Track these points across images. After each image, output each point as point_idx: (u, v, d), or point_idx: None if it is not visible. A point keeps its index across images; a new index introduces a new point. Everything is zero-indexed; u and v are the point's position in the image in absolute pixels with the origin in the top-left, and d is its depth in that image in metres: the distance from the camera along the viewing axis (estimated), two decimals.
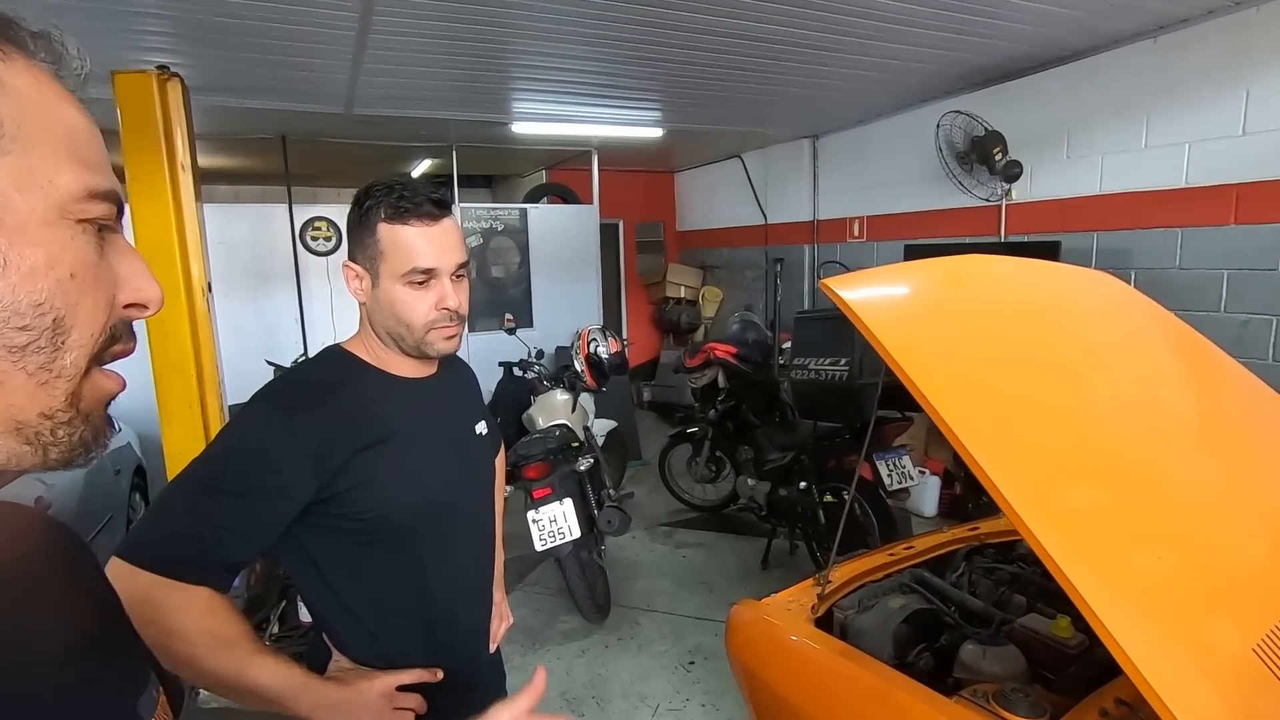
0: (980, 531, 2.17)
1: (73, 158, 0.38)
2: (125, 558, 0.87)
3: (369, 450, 1.00)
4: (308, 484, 0.95)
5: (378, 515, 1.01)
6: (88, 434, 0.41)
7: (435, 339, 1.05)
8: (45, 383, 0.38)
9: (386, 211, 1.01)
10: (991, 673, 1.43)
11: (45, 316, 0.37)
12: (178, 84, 2.98)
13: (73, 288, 0.38)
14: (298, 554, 1.04)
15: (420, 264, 1.01)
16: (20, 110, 0.36)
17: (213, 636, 0.90)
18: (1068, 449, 1.33)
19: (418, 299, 1.02)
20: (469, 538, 1.18)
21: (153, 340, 2.95)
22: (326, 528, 1.00)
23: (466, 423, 1.22)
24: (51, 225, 0.37)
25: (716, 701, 2.67)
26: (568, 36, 3.24)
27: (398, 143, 5.78)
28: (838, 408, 3.20)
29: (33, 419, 0.38)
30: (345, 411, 1.00)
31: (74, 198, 0.38)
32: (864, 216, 5.37)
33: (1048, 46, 3.55)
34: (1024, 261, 1.93)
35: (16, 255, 0.36)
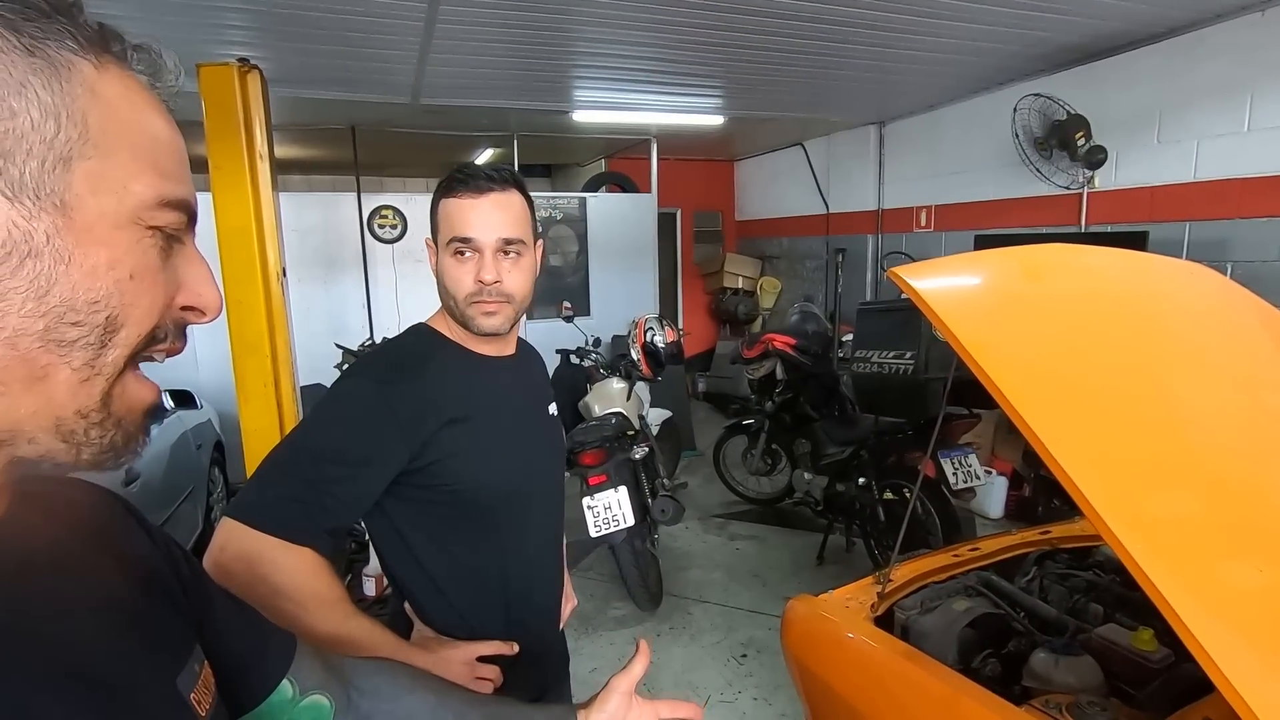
0: (1052, 535, 2.07)
1: (151, 166, 0.40)
2: (236, 517, 0.92)
3: (455, 424, 1.02)
4: (401, 453, 0.99)
5: (462, 489, 1.04)
6: (119, 438, 0.41)
7: (475, 313, 1.06)
8: (86, 379, 0.38)
9: (443, 187, 1.06)
10: (1065, 684, 1.37)
11: (99, 314, 0.38)
12: (257, 76, 3.10)
13: (130, 288, 0.39)
14: (385, 525, 1.07)
15: (460, 233, 1.03)
16: (106, 118, 0.38)
17: (316, 596, 0.94)
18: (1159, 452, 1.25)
19: (461, 270, 1.04)
20: (544, 516, 1.21)
21: (231, 322, 3.09)
22: (412, 499, 1.04)
23: (541, 404, 1.25)
24: (121, 229, 0.38)
25: (769, 696, 2.65)
26: (628, 22, 3.22)
27: (461, 132, 5.89)
28: (901, 402, 3.10)
29: (69, 416, 0.38)
30: (434, 384, 1.03)
31: (146, 205, 0.39)
32: (932, 205, 5.18)
33: (1141, 23, 3.32)
34: (1110, 251, 1.82)
35: (81, 253, 0.37)
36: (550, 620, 1.27)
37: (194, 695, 0.50)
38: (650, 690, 2.71)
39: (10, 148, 0.35)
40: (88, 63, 0.37)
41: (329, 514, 0.96)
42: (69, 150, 0.36)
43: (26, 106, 0.35)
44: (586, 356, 4.08)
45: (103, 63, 0.38)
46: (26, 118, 0.35)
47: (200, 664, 0.52)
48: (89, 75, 0.37)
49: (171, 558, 0.57)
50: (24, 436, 0.38)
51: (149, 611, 0.51)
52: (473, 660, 1.04)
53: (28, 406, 0.37)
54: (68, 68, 0.37)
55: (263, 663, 0.62)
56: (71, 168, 0.36)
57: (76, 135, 0.36)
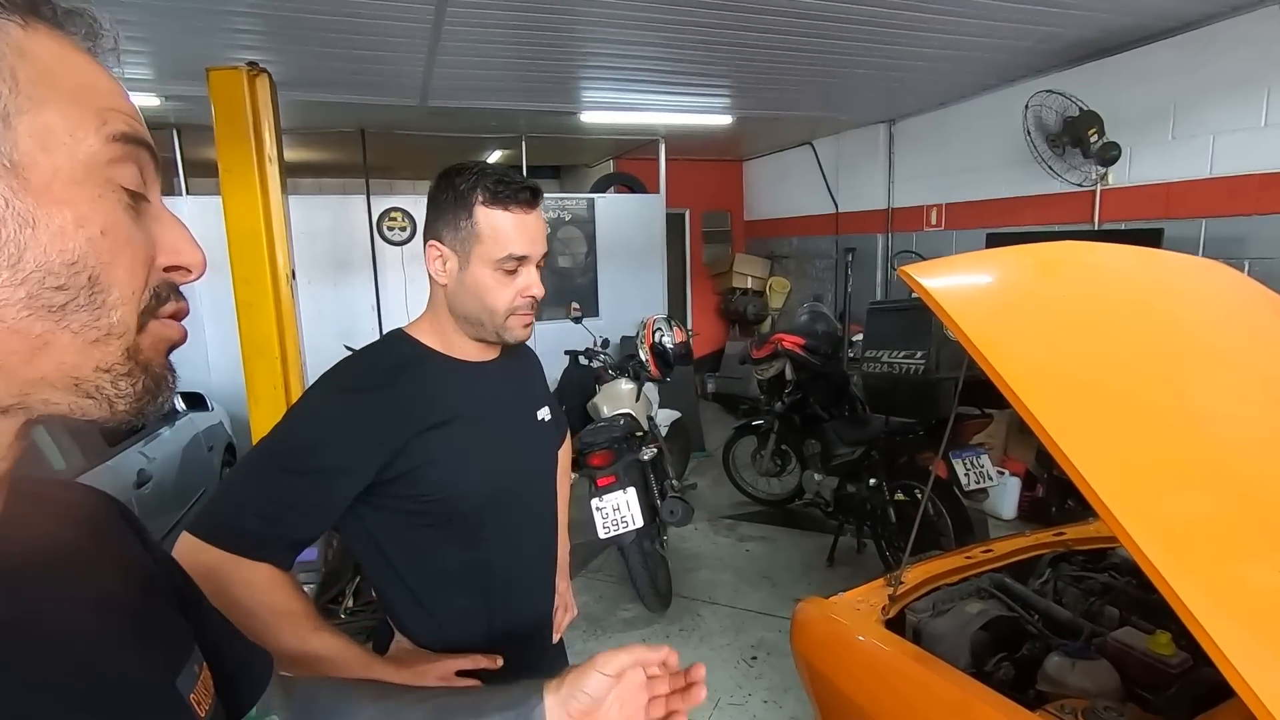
0: (1066, 537, 2.04)
1: (92, 112, 0.39)
2: (194, 533, 0.91)
3: (431, 432, 1.00)
4: (370, 464, 0.96)
5: (439, 498, 1.02)
6: (150, 382, 0.41)
7: (515, 325, 1.06)
8: (95, 340, 0.38)
9: (485, 194, 1.01)
10: (1080, 688, 1.34)
11: (80, 274, 0.37)
12: (266, 79, 3.12)
13: (105, 246, 0.38)
14: (362, 534, 1.05)
15: (516, 251, 1.02)
16: (37, 71, 0.37)
17: (274, 611, 0.92)
18: (1175, 451, 1.22)
19: (506, 285, 1.03)
20: (532, 524, 1.17)
21: (241, 324, 3.11)
22: (389, 509, 1.01)
23: (528, 408, 1.21)
24: (79, 183, 0.37)
25: (779, 699, 2.63)
26: (636, 22, 3.21)
27: (469, 134, 5.90)
28: (912, 402, 3.08)
29: (89, 374, 0.38)
30: (407, 393, 1.01)
31: (97, 150, 0.38)
32: (942, 204, 5.14)
33: (1155, 17, 3.27)
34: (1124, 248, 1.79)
35: (45, 214, 0.36)
36: (543, 631, 1.23)
37: (193, 696, 0.50)
38: None
39: None
40: (13, 24, 0.37)
41: (290, 527, 0.94)
42: (4, 107, 0.35)
43: None
44: (595, 357, 4.08)
45: (30, 23, 0.38)
46: None
47: (199, 665, 0.52)
48: (14, 35, 0.37)
49: (168, 564, 0.57)
50: (37, 399, 0.38)
51: (148, 612, 0.50)
52: (450, 675, 1.01)
53: (32, 374, 0.37)
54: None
55: (249, 676, 0.61)
56: (11, 124, 0.35)
57: (8, 91, 0.36)
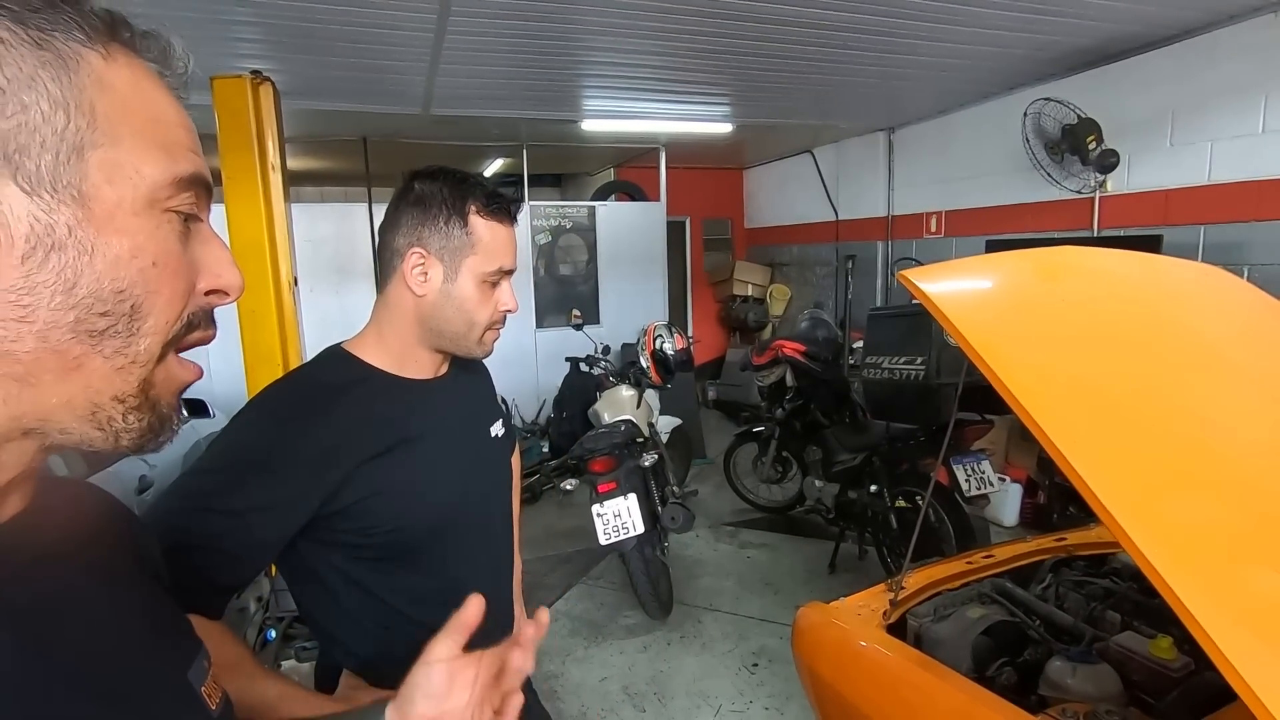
0: (1068, 543, 2.04)
1: (159, 147, 0.40)
2: None
3: (377, 460, 0.92)
4: (308, 499, 0.88)
5: (388, 529, 0.94)
6: (155, 421, 0.41)
7: (490, 340, 1.04)
8: (121, 367, 0.39)
9: (479, 205, 0.97)
10: (1082, 692, 1.34)
11: (125, 303, 0.38)
12: (269, 88, 3.14)
13: (154, 276, 0.39)
14: (300, 569, 0.97)
15: (506, 264, 1.01)
16: (113, 106, 0.38)
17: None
18: (1177, 456, 1.22)
19: (489, 298, 1.01)
20: (485, 548, 1.11)
21: (244, 332, 3.12)
22: (332, 543, 0.93)
23: (480, 424, 1.15)
24: (139, 215, 0.39)
25: (781, 706, 2.62)
26: (636, 32, 3.23)
27: (471, 143, 5.93)
28: (912, 408, 3.08)
29: (106, 402, 0.39)
30: (350, 418, 0.92)
31: (160, 186, 0.39)
32: (942, 211, 5.15)
33: (1153, 25, 3.30)
34: (1123, 253, 1.80)
35: (104, 244, 0.37)
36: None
37: (205, 689, 0.51)
38: (662, 701, 2.69)
39: (25, 142, 0.35)
40: (95, 53, 0.38)
41: (217, 572, 0.84)
42: (80, 140, 0.36)
43: (37, 100, 0.35)
44: (596, 364, 4.08)
45: (110, 52, 0.39)
46: (38, 111, 0.35)
47: (208, 660, 0.53)
48: (96, 66, 0.38)
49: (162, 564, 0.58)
50: (55, 426, 0.38)
51: (161, 606, 0.52)
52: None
53: (60, 396, 0.37)
54: (75, 59, 0.37)
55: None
56: (85, 157, 0.37)
57: (86, 124, 0.37)
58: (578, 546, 4.03)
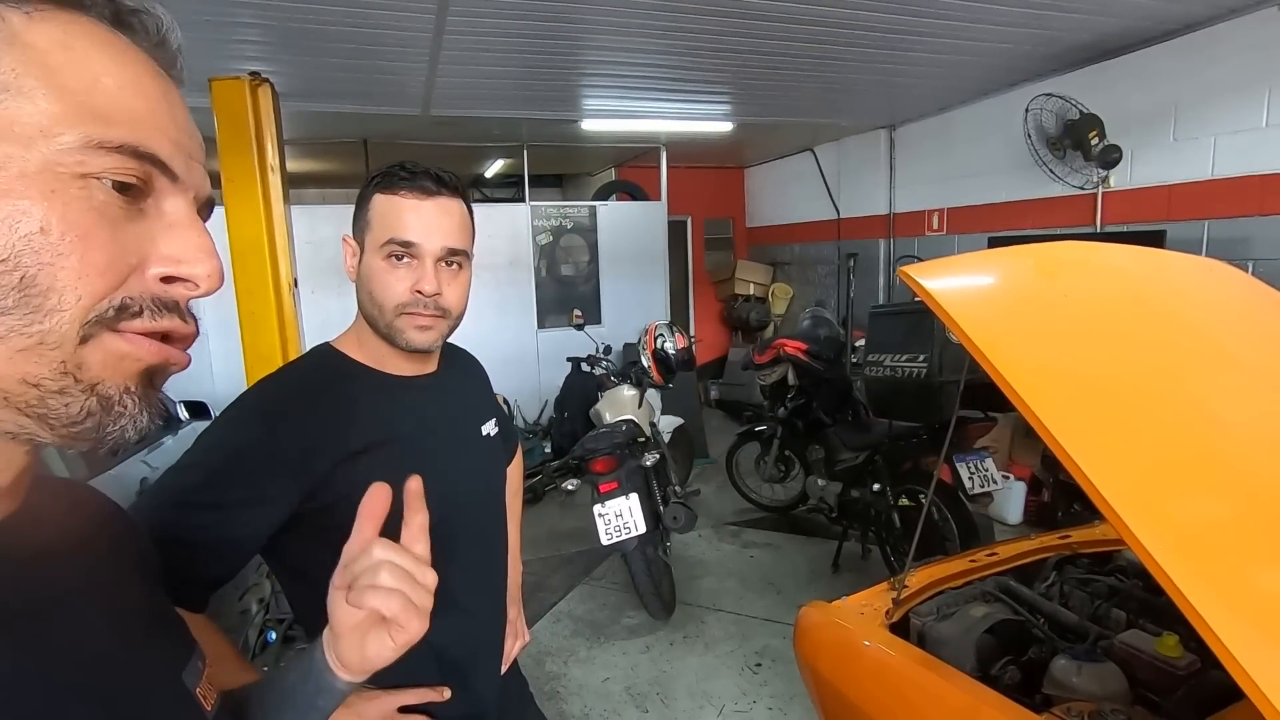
0: (1072, 540, 2.02)
1: (87, 110, 0.36)
2: None
3: (356, 458, 0.92)
4: (289, 495, 0.88)
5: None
6: (95, 405, 0.37)
7: (405, 325, 0.95)
8: (25, 349, 0.35)
9: (381, 181, 0.96)
10: (1087, 691, 1.33)
11: (11, 274, 0.34)
12: (268, 89, 3.14)
13: (45, 245, 0.34)
14: (287, 566, 0.97)
15: (399, 235, 0.93)
16: (27, 62, 0.35)
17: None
18: (1181, 452, 1.21)
19: (394, 277, 0.94)
20: (477, 549, 1.10)
21: (244, 333, 3.12)
22: (318, 540, 0.89)
23: (471, 423, 1.13)
24: (28, 176, 0.34)
25: (784, 706, 2.60)
26: (637, 30, 3.23)
27: (472, 143, 5.93)
28: (914, 406, 3.06)
29: (15, 388, 0.35)
30: (331, 416, 0.93)
31: (69, 148, 0.35)
32: (944, 208, 5.14)
33: (1154, 20, 3.28)
34: (1126, 248, 1.79)
35: None
36: (491, 661, 1.14)
37: (199, 690, 0.50)
38: (664, 702, 2.68)
39: None
40: (16, 12, 0.35)
41: (197, 567, 0.84)
42: None
43: None
44: (597, 364, 4.08)
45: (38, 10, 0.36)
46: None
47: (203, 661, 0.53)
48: (14, 23, 0.35)
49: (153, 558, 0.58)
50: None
51: (155, 607, 0.51)
52: (391, 712, 0.94)
53: None
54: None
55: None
56: None
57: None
58: (580, 547, 4.02)
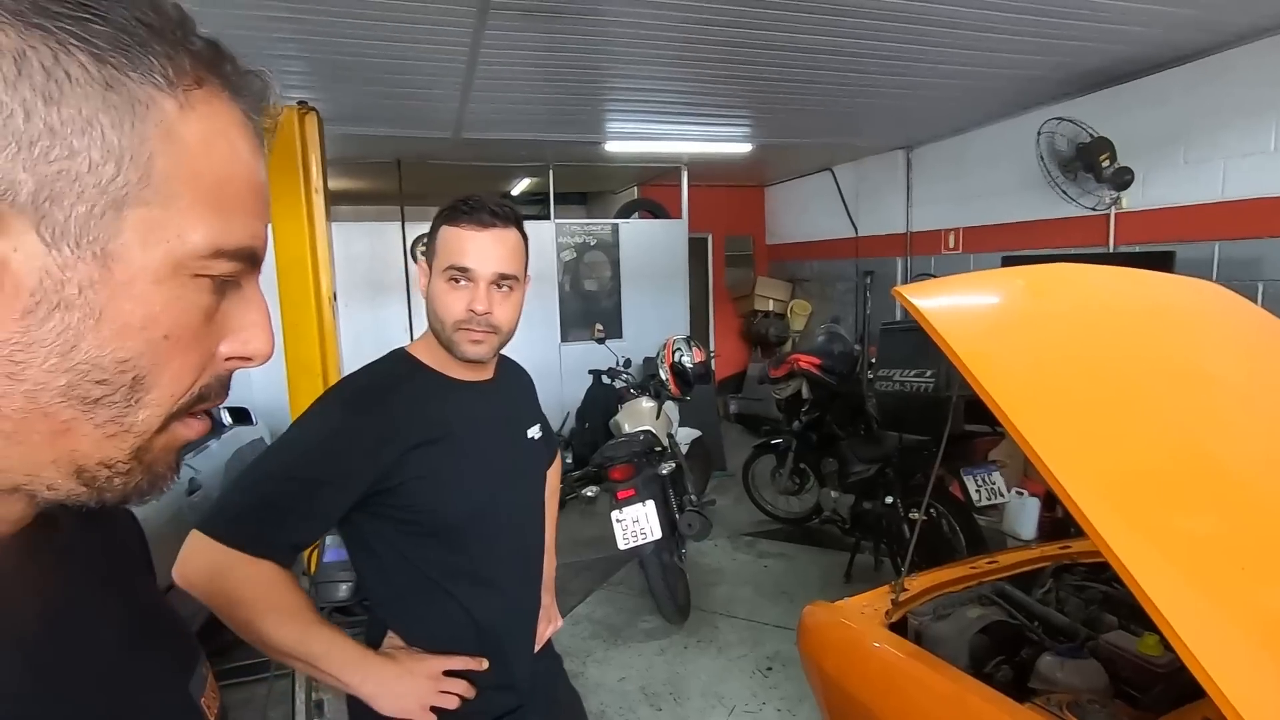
0: (1072, 550, 2.10)
1: (214, 211, 0.36)
2: (203, 531, 0.97)
3: (421, 448, 1.05)
4: (364, 476, 1.02)
5: (427, 510, 1.08)
6: (144, 483, 0.39)
7: (461, 339, 1.08)
8: (112, 435, 0.36)
9: (447, 214, 1.09)
10: (1068, 684, 1.41)
11: (126, 375, 0.35)
12: (314, 116, 3.35)
13: (163, 348, 0.36)
14: (357, 538, 1.12)
15: (457, 261, 1.06)
16: (176, 162, 0.34)
17: (273, 606, 0.98)
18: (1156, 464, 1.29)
19: (453, 297, 1.07)
20: (516, 538, 1.22)
21: (287, 344, 3.31)
22: (382, 517, 1.07)
23: (519, 426, 1.26)
24: (161, 283, 0.35)
25: (793, 708, 2.69)
26: (659, 57, 3.38)
27: (499, 163, 6.15)
28: (922, 420, 3.15)
29: (92, 466, 0.36)
30: (401, 411, 1.07)
31: (198, 254, 0.35)
32: (960, 228, 5.22)
33: (1163, 47, 3.36)
34: (1117, 271, 1.87)
35: (114, 309, 0.33)
36: (524, 641, 1.25)
37: (204, 700, 0.50)
38: (677, 701, 2.78)
39: (60, 190, 0.31)
40: (172, 101, 0.34)
41: (288, 530, 1.00)
42: (124, 196, 0.33)
43: (88, 146, 0.31)
44: (618, 377, 4.21)
45: (190, 100, 0.35)
46: (86, 158, 0.31)
47: (207, 669, 0.53)
48: (169, 114, 0.34)
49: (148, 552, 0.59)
50: (43, 481, 0.36)
51: (163, 616, 0.51)
52: (438, 674, 1.06)
53: (46, 456, 0.35)
54: (145, 105, 0.33)
55: None
56: (122, 214, 0.33)
57: (136, 179, 0.33)
58: (599, 554, 4.13)
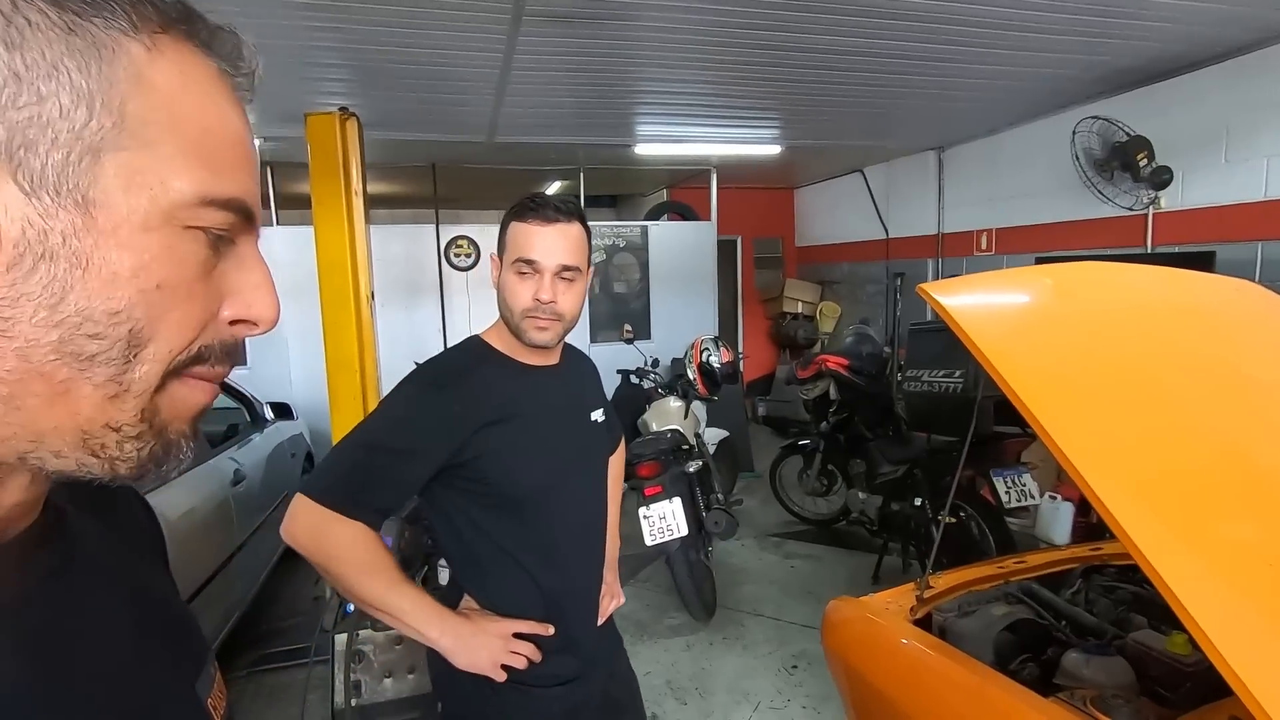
0: (1103, 552, 2.08)
1: (200, 161, 0.35)
2: (305, 493, 1.09)
3: (491, 426, 1.15)
4: (441, 450, 1.12)
5: (496, 482, 1.17)
6: (158, 449, 0.37)
7: (529, 326, 1.18)
8: (113, 396, 0.35)
9: (516, 211, 1.19)
10: (1094, 681, 1.41)
11: (120, 327, 0.34)
12: (355, 122, 3.48)
13: (157, 299, 0.35)
14: (437, 507, 1.22)
15: (524, 254, 1.16)
16: (151, 106, 0.34)
17: (362, 564, 1.09)
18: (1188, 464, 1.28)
19: (521, 287, 1.17)
20: (579, 512, 1.30)
21: (327, 342, 3.44)
22: (458, 489, 1.18)
23: (581, 409, 1.35)
24: (150, 231, 0.34)
25: (819, 706, 2.70)
26: (690, 60, 3.42)
27: (531, 166, 6.25)
28: (951, 421, 3.14)
29: (98, 430, 0.35)
30: (473, 392, 1.17)
31: (185, 203, 0.35)
32: (993, 229, 5.16)
33: (1201, 44, 3.30)
34: (1150, 269, 1.86)
35: (101, 258, 0.33)
36: (588, 612, 1.33)
37: (210, 700, 0.49)
38: (703, 696, 2.81)
39: (34, 137, 0.31)
40: (139, 44, 0.33)
41: (376, 495, 1.11)
42: (99, 140, 0.32)
43: (56, 91, 0.31)
44: (646, 377, 4.26)
45: (157, 44, 0.34)
46: (55, 103, 0.31)
47: (214, 667, 0.52)
48: (138, 58, 0.33)
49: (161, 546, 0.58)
50: (49, 449, 0.35)
51: (172, 610, 0.51)
52: (509, 635, 1.16)
53: (47, 421, 0.34)
54: (111, 49, 0.33)
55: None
56: (101, 160, 0.32)
57: (110, 124, 0.32)
58: (627, 550, 4.15)
